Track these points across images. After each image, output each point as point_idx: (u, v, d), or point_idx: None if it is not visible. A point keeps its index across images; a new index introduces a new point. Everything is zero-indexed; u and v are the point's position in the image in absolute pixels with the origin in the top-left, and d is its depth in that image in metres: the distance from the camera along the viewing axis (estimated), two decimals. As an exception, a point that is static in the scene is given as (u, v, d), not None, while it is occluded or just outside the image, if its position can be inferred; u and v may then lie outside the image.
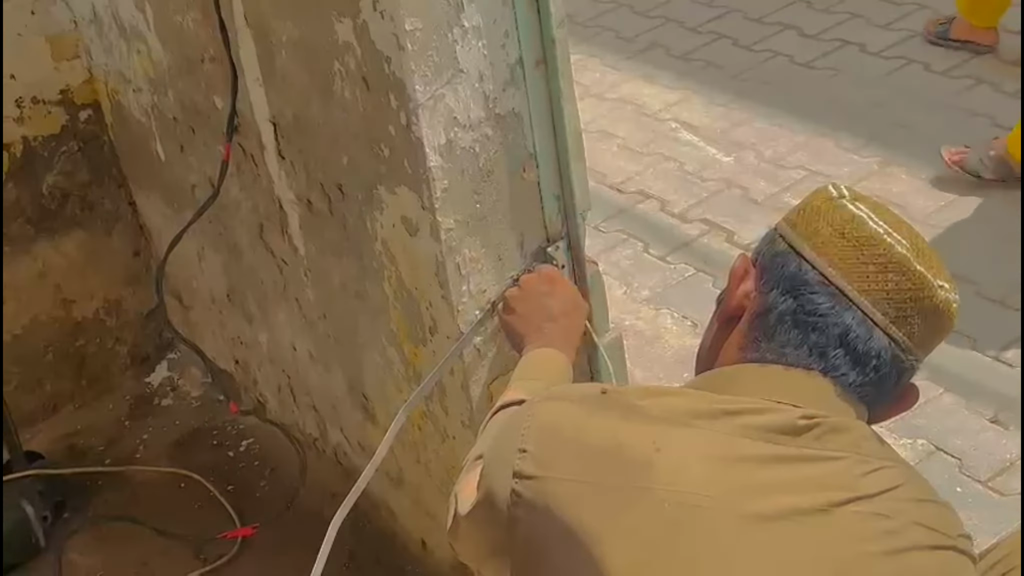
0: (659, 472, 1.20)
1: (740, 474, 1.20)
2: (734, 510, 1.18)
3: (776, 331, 1.29)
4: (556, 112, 1.85)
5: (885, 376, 1.28)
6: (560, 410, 1.32)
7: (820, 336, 1.27)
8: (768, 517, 1.18)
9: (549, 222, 1.95)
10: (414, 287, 1.98)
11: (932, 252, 1.30)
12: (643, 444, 1.22)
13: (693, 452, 1.22)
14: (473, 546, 1.45)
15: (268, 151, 2.20)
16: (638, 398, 1.29)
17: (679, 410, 1.26)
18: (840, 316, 1.26)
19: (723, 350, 1.36)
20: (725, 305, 1.38)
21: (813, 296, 1.27)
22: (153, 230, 2.98)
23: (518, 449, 1.29)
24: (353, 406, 2.43)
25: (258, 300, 2.61)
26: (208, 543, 2.61)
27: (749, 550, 1.17)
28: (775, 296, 1.30)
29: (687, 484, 1.19)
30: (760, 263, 1.35)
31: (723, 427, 1.23)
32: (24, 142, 2.78)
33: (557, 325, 1.79)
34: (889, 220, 1.29)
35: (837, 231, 1.28)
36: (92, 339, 3.06)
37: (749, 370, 1.30)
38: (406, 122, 1.75)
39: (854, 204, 1.31)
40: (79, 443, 2.98)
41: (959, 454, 2.64)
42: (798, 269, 1.29)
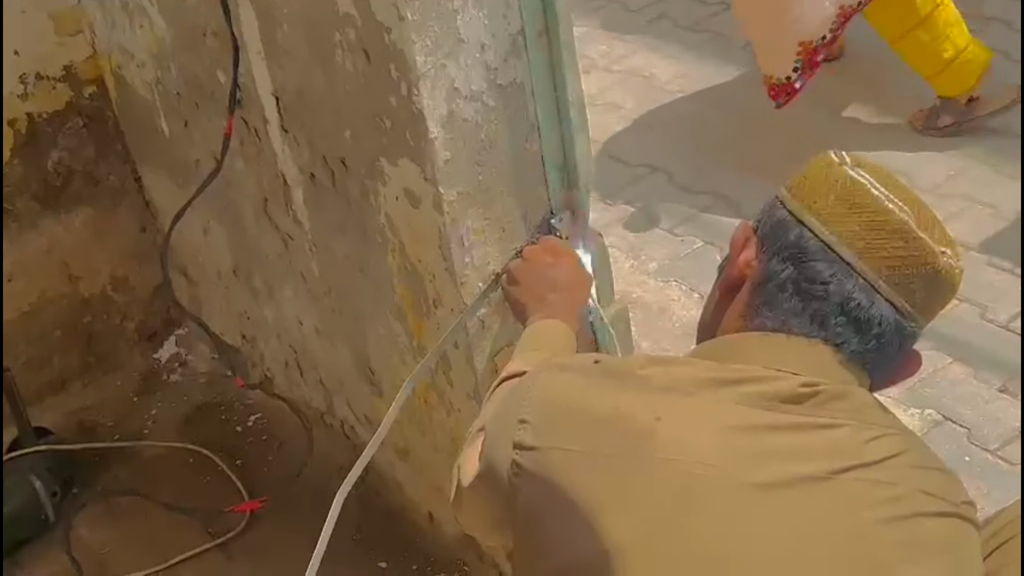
0: (660, 442, 1.20)
1: (742, 443, 1.20)
2: (736, 479, 1.18)
3: (777, 299, 1.29)
4: (559, 82, 1.84)
5: (887, 343, 1.27)
6: (561, 380, 1.32)
7: (821, 304, 1.26)
8: (771, 485, 1.17)
9: (553, 193, 1.94)
10: (418, 260, 1.97)
11: (934, 217, 1.29)
12: (644, 414, 1.22)
13: (695, 421, 1.22)
14: (476, 517, 1.45)
15: (271, 125, 2.19)
16: (639, 367, 1.29)
17: (681, 379, 1.26)
18: (841, 283, 1.26)
19: (724, 319, 1.36)
20: (726, 274, 1.37)
21: (814, 264, 1.27)
22: (159, 206, 2.98)
23: (519, 420, 1.29)
24: (359, 380, 2.43)
25: (264, 275, 2.61)
26: (217, 517, 2.62)
27: (752, 519, 1.17)
28: (776, 264, 1.29)
29: (689, 453, 1.19)
30: (761, 231, 1.34)
31: (725, 396, 1.23)
32: (29, 118, 2.77)
33: (561, 296, 1.78)
34: (891, 186, 1.29)
35: (838, 197, 1.28)
36: (100, 315, 3.06)
37: (751, 339, 1.30)
38: (407, 93, 1.74)
39: (855, 170, 1.30)
40: (88, 419, 2.99)
41: (968, 424, 2.63)
42: (799, 237, 1.28)
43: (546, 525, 1.24)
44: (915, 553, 1.17)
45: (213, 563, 2.54)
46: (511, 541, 1.32)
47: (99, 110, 2.87)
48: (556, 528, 1.22)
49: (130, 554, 2.57)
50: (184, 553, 2.55)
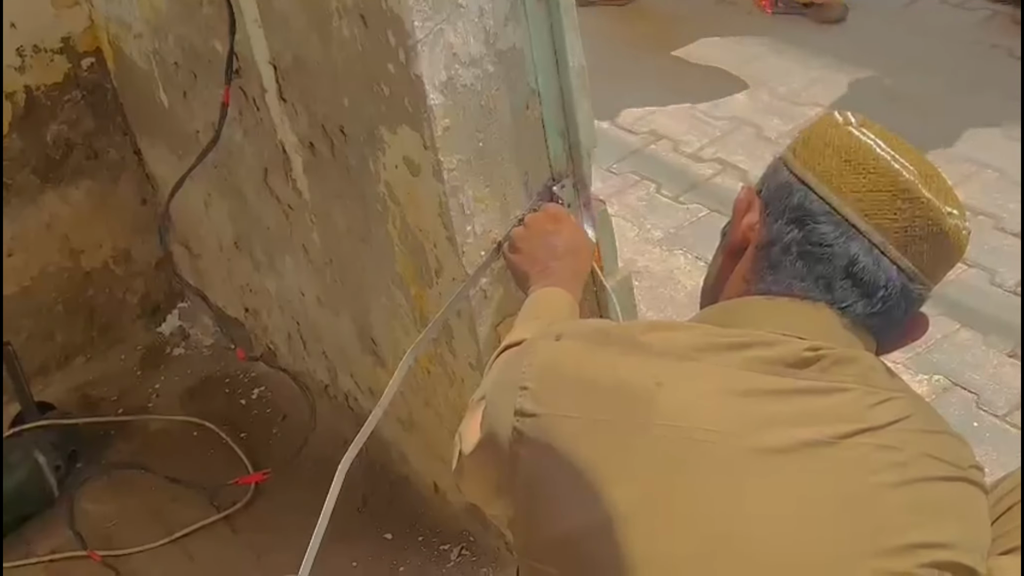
0: (661, 407, 1.18)
1: (745, 408, 1.18)
2: (740, 445, 1.16)
3: (781, 263, 1.27)
4: (559, 47, 1.82)
5: (893, 306, 1.25)
6: (561, 347, 1.30)
7: (826, 267, 1.24)
8: (775, 451, 1.16)
9: (554, 160, 1.92)
10: (418, 229, 1.95)
11: (941, 178, 1.27)
12: (644, 379, 1.20)
13: (697, 387, 1.20)
14: (478, 486, 1.44)
15: (269, 94, 2.17)
16: (640, 333, 1.27)
17: (682, 344, 1.24)
18: (846, 246, 1.24)
19: (728, 283, 1.34)
20: (730, 237, 1.35)
21: (818, 226, 1.25)
22: (159, 178, 2.96)
23: (519, 387, 1.27)
24: (362, 351, 2.41)
25: (265, 246, 2.59)
26: (221, 490, 2.61)
27: (756, 485, 1.15)
28: (780, 227, 1.27)
29: (690, 419, 1.17)
30: (764, 194, 1.32)
31: (728, 360, 1.21)
32: (27, 91, 2.75)
33: (563, 264, 1.77)
34: (896, 146, 1.26)
35: (842, 159, 1.25)
36: (102, 289, 3.04)
37: (754, 303, 1.28)
38: (405, 59, 1.72)
39: (860, 130, 1.27)
40: (91, 393, 2.98)
41: (976, 389, 2.61)
42: (803, 199, 1.26)
43: (546, 492, 1.22)
44: (922, 517, 1.15)
45: (218, 536, 2.54)
46: (511, 509, 1.31)
47: (98, 82, 2.84)
48: (556, 495, 1.21)
49: (135, 527, 2.57)
50: (189, 526, 2.54)
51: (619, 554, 1.15)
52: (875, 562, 1.12)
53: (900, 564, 1.13)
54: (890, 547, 1.13)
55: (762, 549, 1.13)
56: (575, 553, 1.19)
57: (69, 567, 2.51)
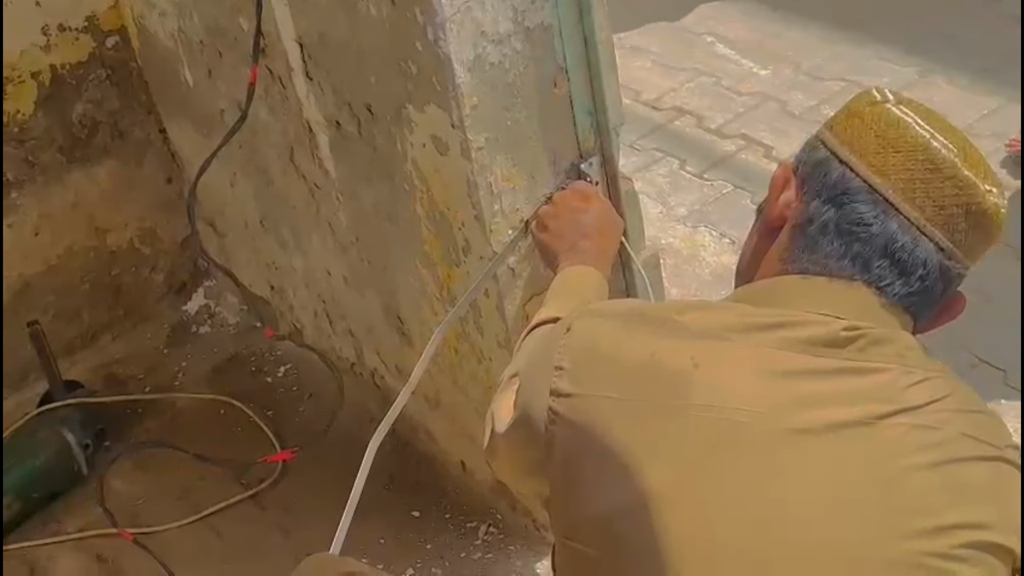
0: (698, 388, 1.18)
1: (782, 389, 1.17)
2: (776, 426, 1.16)
3: (818, 242, 1.26)
4: (587, 24, 1.81)
5: (931, 286, 1.25)
6: (597, 326, 1.30)
7: (864, 246, 1.23)
8: (812, 431, 1.15)
9: (582, 137, 1.91)
10: (446, 207, 1.95)
11: (980, 156, 1.25)
12: (681, 360, 1.20)
13: (733, 367, 1.19)
14: (511, 465, 1.44)
15: (296, 72, 2.16)
16: (676, 313, 1.26)
17: (718, 324, 1.23)
18: (885, 224, 1.22)
19: (764, 262, 1.33)
20: (766, 216, 1.34)
21: (856, 204, 1.23)
22: (184, 157, 2.96)
23: (555, 367, 1.27)
24: (389, 329, 2.41)
25: (291, 225, 2.59)
26: (249, 468, 2.62)
27: (793, 466, 1.15)
28: (817, 205, 1.26)
29: (727, 400, 1.17)
30: (801, 172, 1.31)
31: (764, 340, 1.20)
32: (52, 71, 2.75)
33: (592, 242, 1.76)
34: (935, 124, 1.25)
35: (881, 136, 1.24)
36: (128, 268, 3.05)
37: (790, 282, 1.27)
38: (433, 37, 1.71)
39: (898, 108, 1.26)
40: (118, 372, 2.99)
41: (1003, 365, 2.59)
42: (841, 177, 1.25)
43: (583, 472, 1.22)
44: (958, 497, 1.15)
45: (246, 513, 2.55)
46: (547, 488, 1.31)
47: (122, 61, 2.84)
48: (593, 475, 1.21)
49: (163, 505, 2.58)
50: (217, 504, 2.55)
51: (655, 535, 1.14)
52: (911, 543, 1.12)
53: (937, 545, 1.12)
54: (927, 528, 1.12)
55: (798, 530, 1.13)
56: (611, 533, 1.19)
57: (99, 544, 2.52)
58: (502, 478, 1.56)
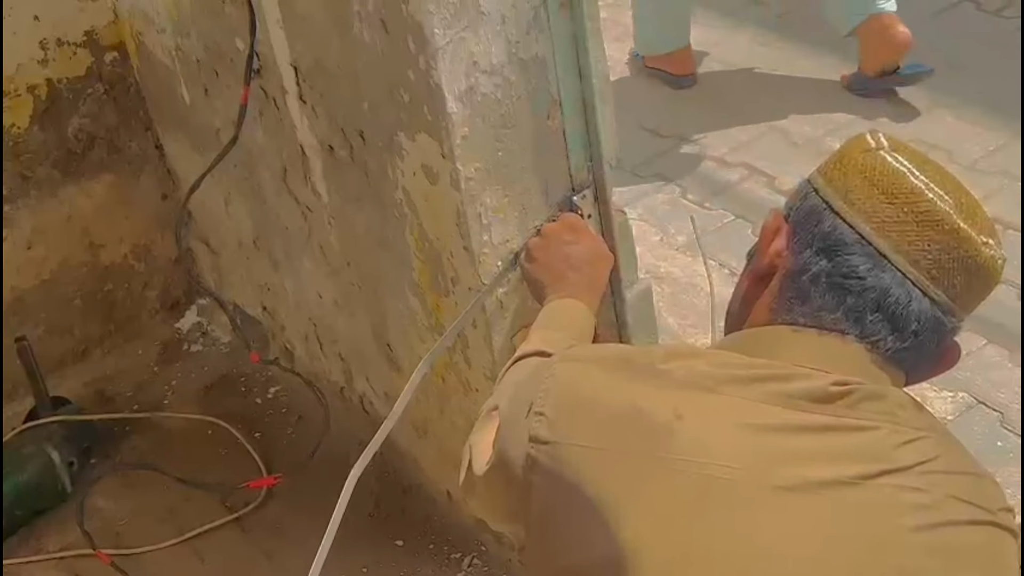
0: (680, 441, 1.15)
1: (767, 444, 1.14)
2: (758, 482, 1.12)
3: (810, 294, 1.22)
4: (582, 56, 1.79)
5: (925, 340, 1.21)
6: (579, 372, 1.27)
7: (856, 299, 1.20)
8: (794, 489, 1.12)
9: (575, 170, 1.89)
10: (436, 237, 1.93)
11: (977, 206, 1.22)
12: (664, 411, 1.17)
13: (717, 420, 1.16)
14: (488, 505, 1.41)
15: (290, 95, 2.15)
16: (661, 361, 1.23)
17: (704, 374, 1.20)
18: (878, 278, 1.19)
19: (755, 309, 1.29)
20: (756, 264, 1.30)
21: (849, 257, 1.20)
22: (181, 174, 2.94)
23: (535, 412, 1.24)
24: (378, 355, 2.39)
25: (284, 247, 2.57)
26: (234, 491, 2.60)
27: (775, 524, 1.11)
28: (809, 256, 1.23)
29: (710, 455, 1.13)
30: (793, 219, 1.27)
31: (750, 393, 1.17)
32: (49, 84, 2.73)
33: (580, 274, 1.73)
34: (931, 173, 1.21)
35: (875, 186, 1.20)
36: (121, 284, 3.03)
37: (780, 333, 1.24)
38: (425, 67, 1.69)
39: (893, 155, 1.22)
40: (107, 389, 2.97)
41: (1001, 407, 2.57)
42: (833, 228, 1.21)
43: (559, 522, 1.19)
44: (945, 562, 1.12)
45: (229, 537, 2.52)
46: (523, 534, 1.28)
47: (121, 76, 2.83)
48: (569, 526, 1.18)
49: (146, 526, 2.56)
50: (200, 527, 2.53)
51: None
52: None
53: None
54: None
55: None
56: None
57: (79, 565, 2.50)
58: (479, 515, 1.53)
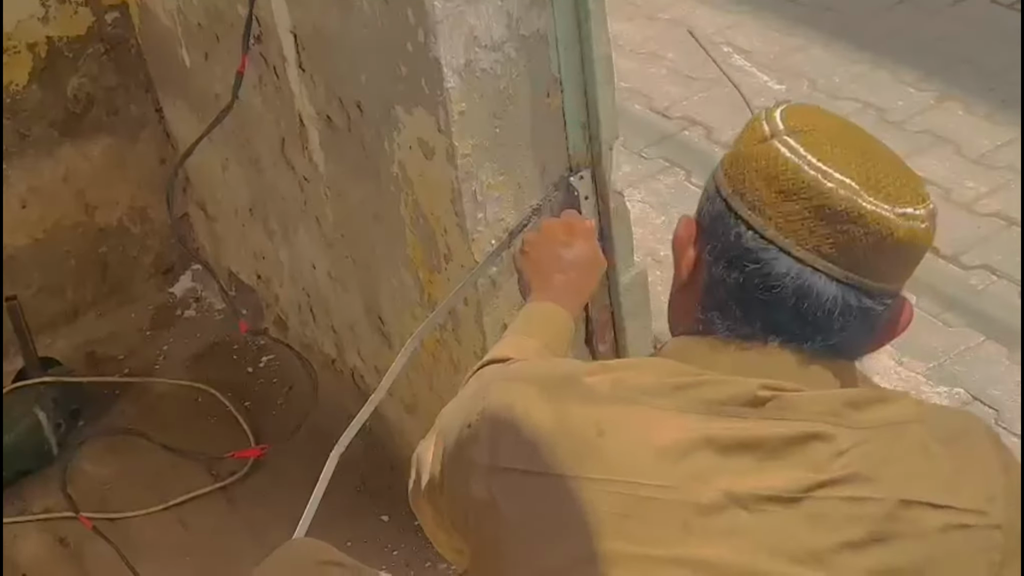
0: (602, 460, 1.10)
1: (691, 459, 1.08)
2: (684, 500, 1.07)
3: (727, 306, 1.15)
4: (584, 34, 1.76)
5: (854, 327, 1.13)
6: (512, 392, 1.21)
7: (773, 311, 1.12)
8: (721, 508, 1.06)
9: (573, 150, 1.86)
10: (430, 212, 1.90)
11: (895, 174, 1.12)
12: (586, 428, 1.12)
13: (639, 435, 1.10)
14: (432, 523, 1.36)
15: (289, 63, 2.12)
16: (588, 374, 1.18)
17: (628, 385, 1.14)
18: (792, 281, 1.11)
19: (683, 317, 1.23)
20: (677, 277, 1.23)
21: (758, 266, 1.12)
22: (179, 138, 2.92)
23: (472, 435, 1.19)
24: (370, 329, 2.37)
25: (279, 216, 2.54)
26: (221, 460, 2.58)
27: (701, 544, 1.06)
28: (720, 269, 1.15)
29: (633, 473, 1.08)
30: (702, 223, 1.19)
31: (675, 403, 1.11)
32: (49, 42, 2.70)
33: (566, 278, 1.69)
34: (832, 154, 1.11)
35: (771, 183, 1.11)
36: (115, 246, 3.00)
37: (705, 344, 1.17)
38: (424, 40, 1.67)
39: (786, 144, 1.12)
40: (98, 351, 2.95)
41: (997, 404, 2.53)
42: (739, 236, 1.13)
43: (493, 547, 1.15)
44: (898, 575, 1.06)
45: (214, 506, 2.51)
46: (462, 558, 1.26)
47: (122, 37, 2.80)
48: (502, 550, 1.14)
49: (131, 491, 2.54)
50: (186, 494, 2.52)
51: None
52: None
53: None
54: None
55: None
56: None
57: (63, 527, 2.49)
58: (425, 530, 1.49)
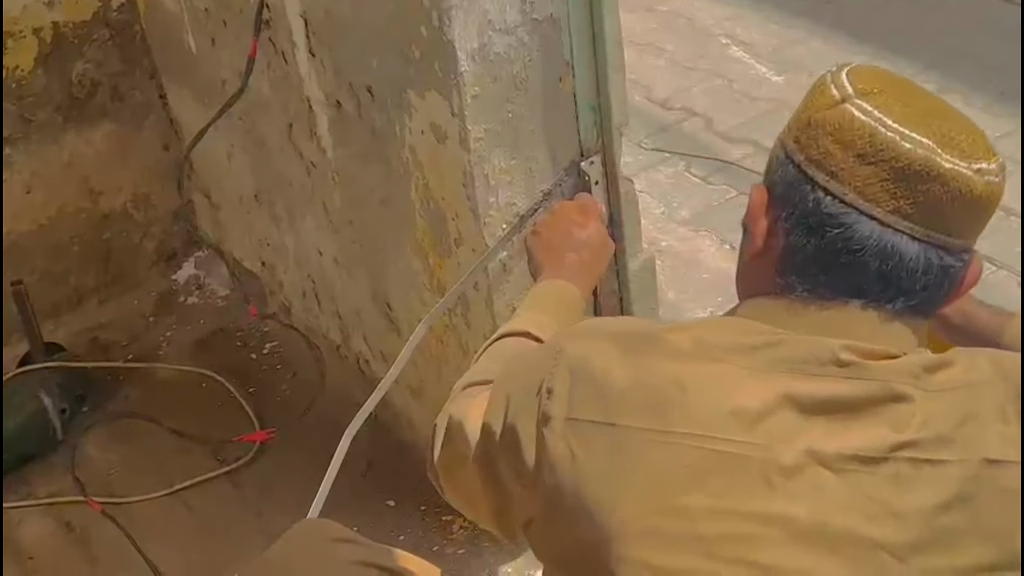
0: (684, 414, 1.11)
1: (776, 417, 1.09)
2: (765, 458, 1.08)
3: (808, 270, 1.16)
4: (596, 19, 1.77)
5: (936, 285, 1.15)
6: (588, 347, 1.21)
7: (855, 272, 1.14)
8: (805, 467, 1.07)
9: (584, 135, 1.87)
10: (441, 197, 1.91)
11: (963, 130, 1.13)
12: (667, 383, 1.13)
13: (722, 392, 1.11)
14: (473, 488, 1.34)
15: (298, 48, 2.12)
16: (667, 332, 1.19)
17: (709, 344, 1.15)
18: (875, 244, 1.12)
19: (758, 284, 1.23)
20: (750, 243, 1.23)
21: (840, 231, 1.13)
22: (184, 125, 2.92)
23: (545, 389, 1.19)
24: (377, 315, 2.37)
25: (285, 202, 2.55)
26: (226, 444, 2.59)
27: (789, 502, 1.07)
28: (800, 235, 1.16)
29: (715, 428, 1.09)
30: (775, 194, 1.20)
31: (756, 361, 1.12)
32: (54, 27, 2.70)
33: (578, 257, 1.71)
34: (904, 114, 1.12)
35: (848, 148, 1.12)
36: (119, 233, 3.01)
37: (781, 305, 1.18)
38: (438, 23, 1.67)
39: (857, 106, 1.13)
40: (102, 337, 2.95)
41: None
42: (818, 203, 1.14)
43: (567, 499, 1.15)
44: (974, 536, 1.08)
45: (220, 491, 2.51)
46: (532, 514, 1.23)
47: (127, 23, 2.80)
48: (576, 503, 1.14)
49: (136, 476, 2.54)
50: (191, 479, 2.52)
51: (634, 568, 1.09)
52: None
53: None
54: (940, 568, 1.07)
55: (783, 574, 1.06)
56: (593, 561, 1.12)
57: (68, 511, 2.49)
58: (451, 496, 1.48)
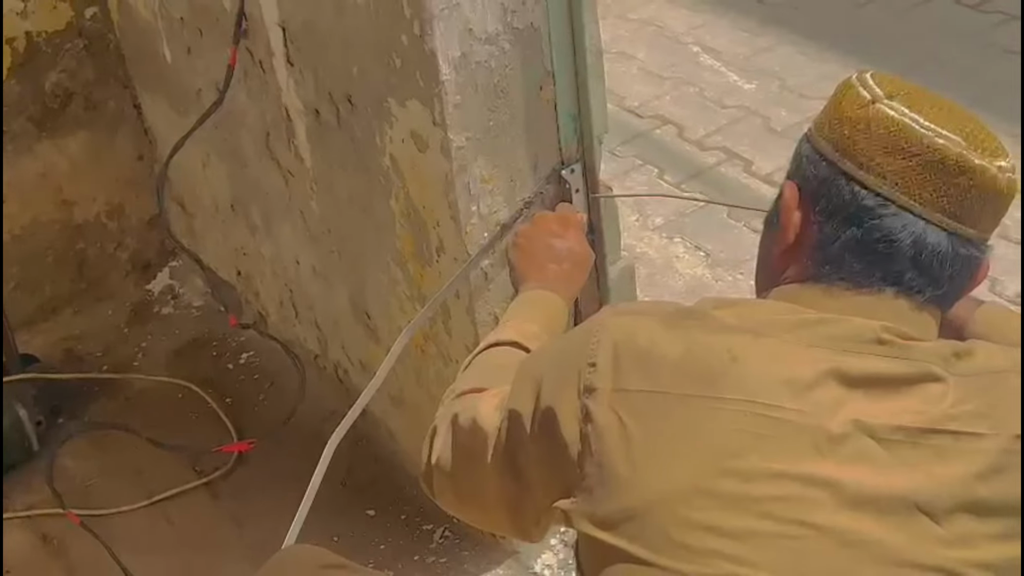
0: (736, 381, 1.14)
1: (822, 389, 1.13)
2: (816, 426, 1.12)
3: (843, 260, 1.21)
4: (577, 28, 1.78)
5: (960, 276, 1.22)
6: (632, 323, 1.24)
7: (892, 262, 1.19)
8: (852, 436, 1.12)
9: (565, 144, 1.88)
10: (422, 205, 1.91)
11: (981, 129, 1.20)
12: (718, 353, 1.16)
13: (771, 363, 1.15)
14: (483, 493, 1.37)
15: (277, 57, 2.12)
16: (713, 307, 1.22)
17: (755, 319, 1.19)
18: (909, 235, 1.18)
19: (784, 275, 1.28)
20: (781, 239, 1.27)
21: (877, 221, 1.19)
22: (158, 134, 2.91)
23: (587, 363, 1.21)
24: (355, 324, 2.37)
25: (262, 211, 2.54)
26: (204, 455, 2.58)
27: (831, 470, 1.11)
28: (834, 227, 1.21)
29: (766, 395, 1.13)
30: (808, 189, 1.25)
31: (801, 337, 1.16)
32: (27, 37, 2.69)
33: (561, 268, 1.75)
34: (932, 112, 1.19)
35: (882, 144, 1.18)
36: (93, 243, 2.99)
37: (816, 291, 1.22)
38: (419, 32, 1.68)
39: (891, 105, 1.19)
40: (77, 348, 2.94)
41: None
42: (853, 195, 1.20)
43: (618, 469, 1.16)
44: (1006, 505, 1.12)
45: (199, 502, 2.50)
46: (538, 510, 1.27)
47: (100, 32, 2.79)
48: (628, 467, 1.15)
49: (114, 487, 2.53)
50: (170, 489, 2.51)
51: (688, 527, 1.11)
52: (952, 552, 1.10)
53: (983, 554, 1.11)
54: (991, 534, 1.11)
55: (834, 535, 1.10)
56: (646, 526, 1.14)
57: (46, 524, 2.47)
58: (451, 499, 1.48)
